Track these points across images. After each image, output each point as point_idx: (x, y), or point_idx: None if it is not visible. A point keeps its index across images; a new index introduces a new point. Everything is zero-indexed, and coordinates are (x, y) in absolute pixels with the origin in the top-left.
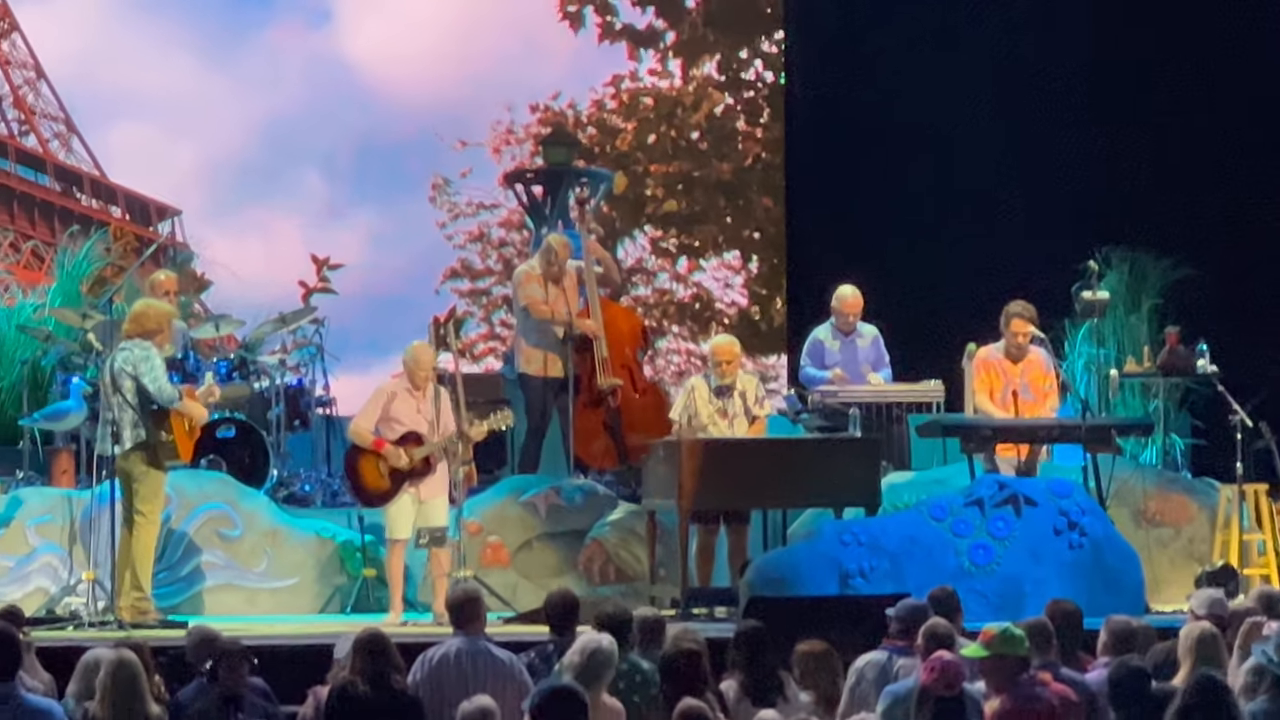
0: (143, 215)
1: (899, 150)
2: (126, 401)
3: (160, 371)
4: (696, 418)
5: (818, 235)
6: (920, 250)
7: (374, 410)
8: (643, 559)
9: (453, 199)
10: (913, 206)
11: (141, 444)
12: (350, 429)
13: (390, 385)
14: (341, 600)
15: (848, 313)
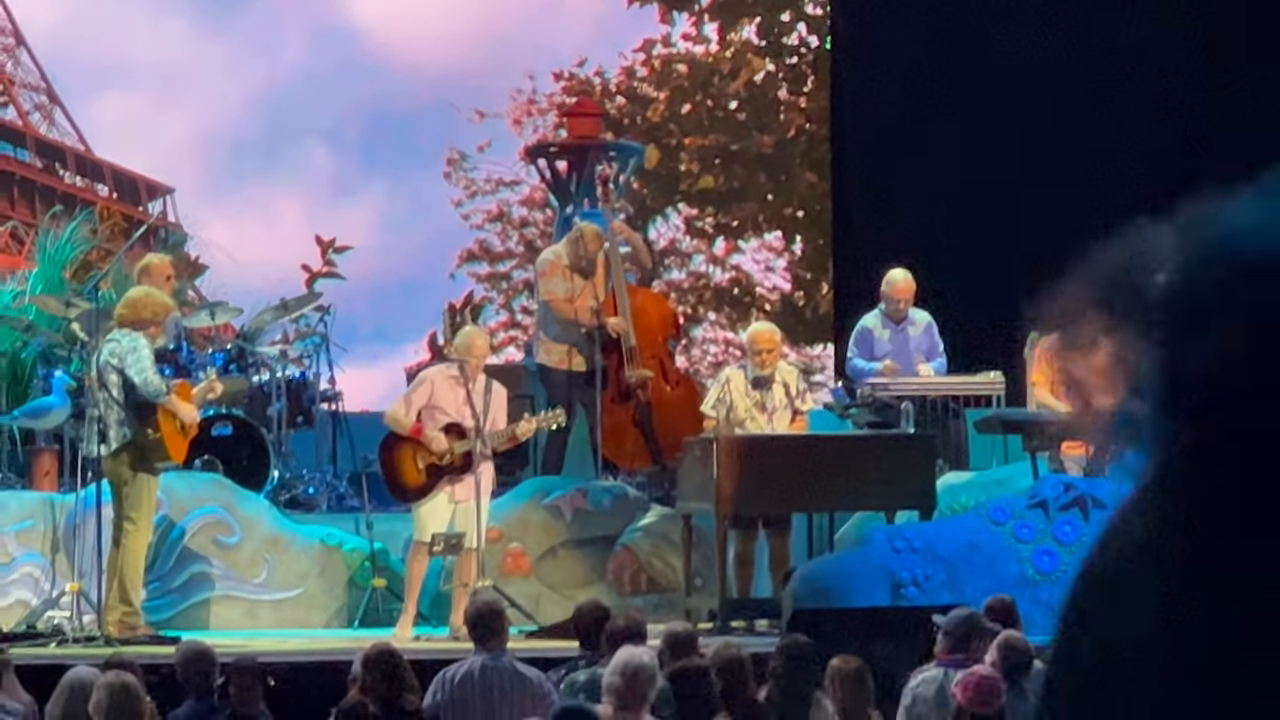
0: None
1: (957, 120)
2: (113, 397)
3: (148, 362)
4: (733, 412)
5: (867, 213)
6: (980, 229)
7: (416, 397)
8: (677, 568)
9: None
10: (972, 181)
11: (129, 444)
12: (387, 414)
13: (434, 372)
14: (349, 613)
15: (899, 298)
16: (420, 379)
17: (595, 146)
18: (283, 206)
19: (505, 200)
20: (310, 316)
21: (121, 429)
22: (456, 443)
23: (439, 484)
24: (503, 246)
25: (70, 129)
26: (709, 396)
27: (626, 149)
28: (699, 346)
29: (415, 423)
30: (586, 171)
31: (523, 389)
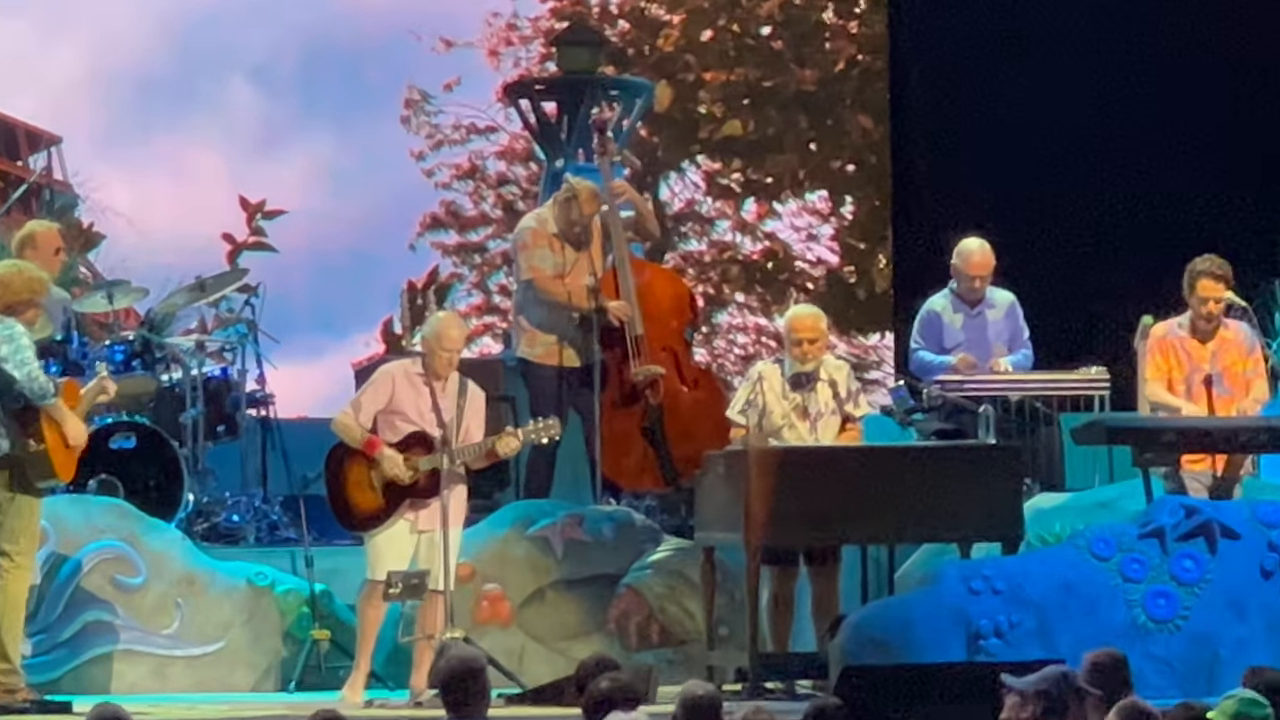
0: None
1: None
2: None
3: (30, 355)
4: (766, 417)
5: (934, 167)
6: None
7: (371, 398)
8: (697, 614)
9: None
10: (1064, 129)
11: (3, 459)
12: (335, 421)
13: (394, 368)
14: (283, 673)
15: (974, 275)
16: (376, 377)
17: (592, 84)
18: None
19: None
20: (234, 299)
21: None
22: (421, 459)
23: (398, 509)
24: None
25: None
26: (737, 398)
27: (631, 86)
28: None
29: (370, 434)
30: (581, 115)
31: (501, 389)
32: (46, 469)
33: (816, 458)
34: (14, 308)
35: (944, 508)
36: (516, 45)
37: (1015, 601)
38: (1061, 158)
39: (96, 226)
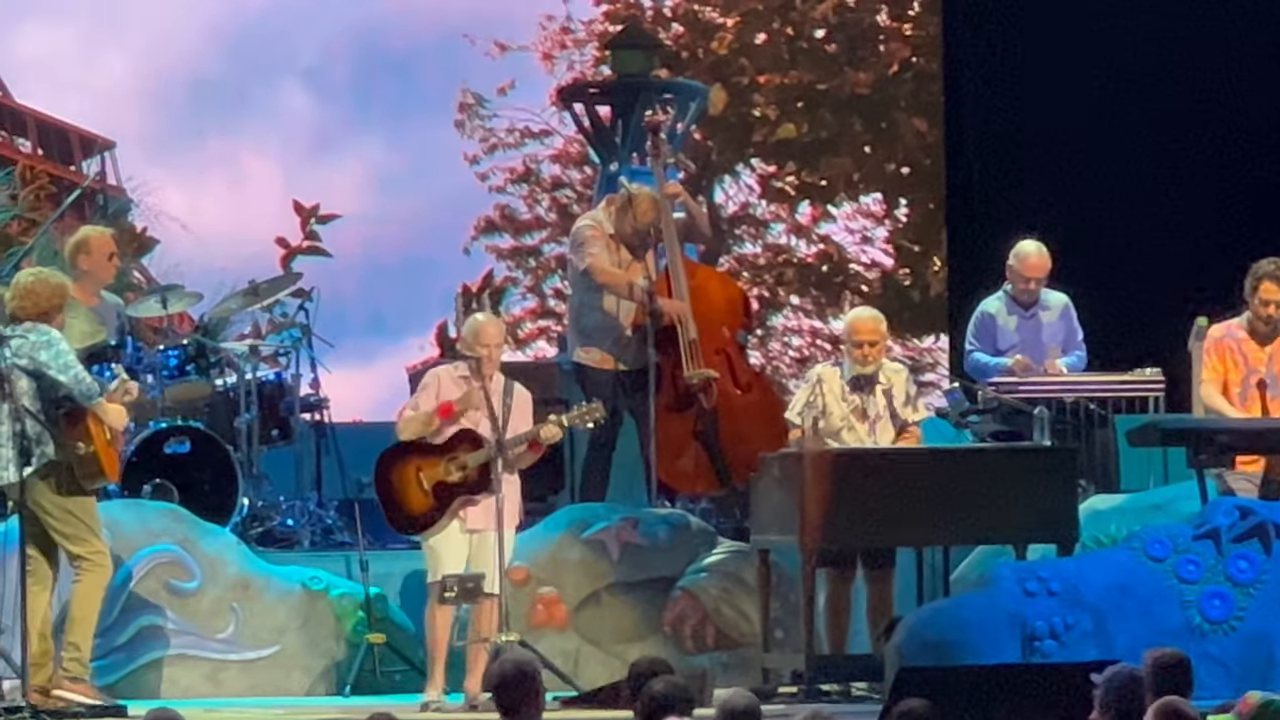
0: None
1: (1100, 54)
2: (23, 408)
3: (72, 357)
4: (825, 420)
5: (989, 170)
6: (1130, 190)
7: (426, 399)
8: (752, 617)
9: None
10: (1120, 131)
11: (51, 464)
12: (399, 425)
13: (441, 372)
14: (338, 677)
15: (1030, 277)
16: (425, 382)
17: (646, 87)
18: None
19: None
20: (288, 304)
21: (41, 446)
22: (468, 455)
23: (450, 509)
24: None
25: None
26: (795, 400)
27: (685, 89)
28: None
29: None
30: (635, 118)
31: (556, 392)
32: (96, 469)
33: (872, 460)
34: (46, 315)
35: (999, 509)
36: (570, 49)
37: (1071, 603)
38: (1116, 159)
39: (150, 231)
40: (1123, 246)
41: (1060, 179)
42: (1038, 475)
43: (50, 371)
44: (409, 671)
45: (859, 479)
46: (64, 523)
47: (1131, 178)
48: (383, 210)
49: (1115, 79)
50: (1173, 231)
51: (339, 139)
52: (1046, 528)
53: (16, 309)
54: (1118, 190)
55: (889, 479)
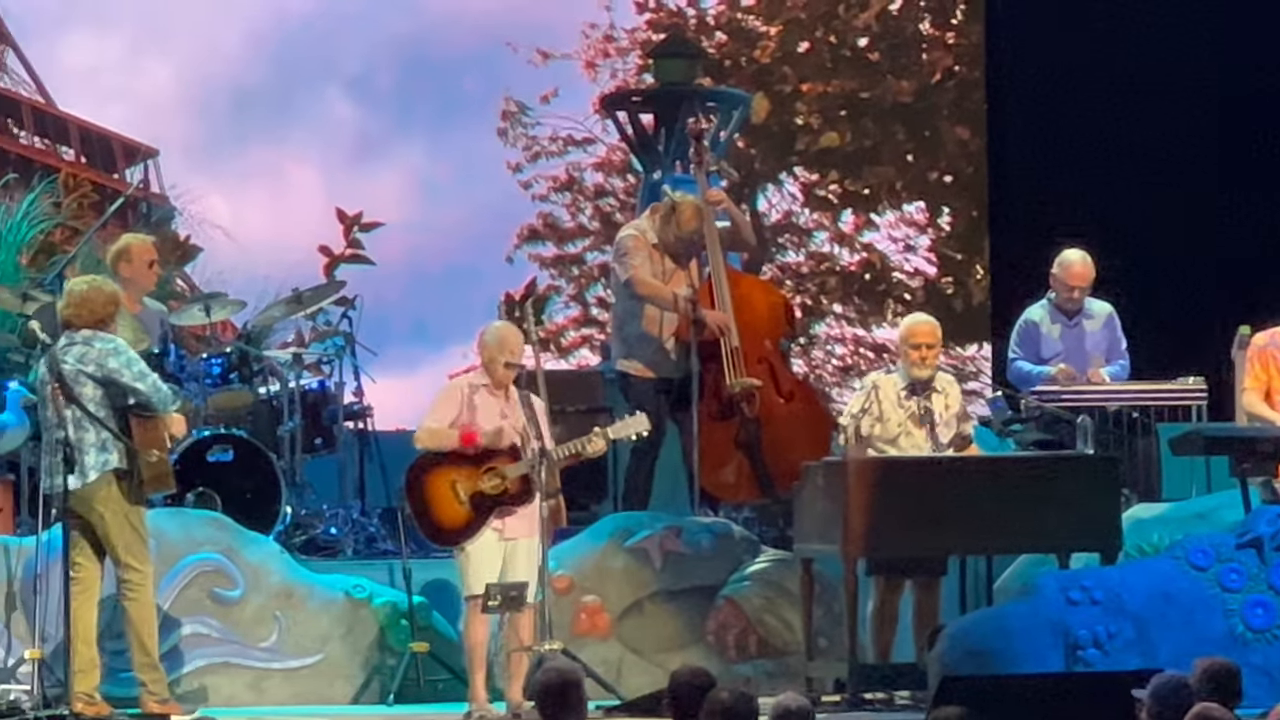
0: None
1: (1143, 62)
2: (88, 414)
3: (144, 365)
4: (882, 426)
5: (1031, 179)
6: (1173, 198)
7: (444, 411)
8: (795, 625)
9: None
10: (1163, 139)
11: (114, 471)
12: (418, 434)
13: (463, 381)
14: (382, 686)
15: (1074, 285)
16: (444, 391)
17: (689, 95)
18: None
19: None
20: (331, 312)
21: (102, 454)
22: (507, 466)
23: (488, 519)
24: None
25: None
26: (851, 406)
27: (728, 98)
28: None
29: (462, 428)
30: (678, 127)
31: (599, 400)
32: (164, 477)
33: (915, 469)
34: (101, 322)
35: (1042, 518)
36: (614, 57)
37: (1114, 612)
38: (1158, 167)
39: (193, 239)
40: (1166, 255)
41: (1103, 187)
42: (1081, 484)
43: (123, 379)
44: (452, 680)
45: (902, 487)
46: (122, 532)
47: (1174, 186)
48: (426, 218)
49: (1158, 86)
50: (1217, 240)
51: (382, 147)
52: (1089, 536)
53: (71, 316)
54: (1160, 198)
55: (932, 487)
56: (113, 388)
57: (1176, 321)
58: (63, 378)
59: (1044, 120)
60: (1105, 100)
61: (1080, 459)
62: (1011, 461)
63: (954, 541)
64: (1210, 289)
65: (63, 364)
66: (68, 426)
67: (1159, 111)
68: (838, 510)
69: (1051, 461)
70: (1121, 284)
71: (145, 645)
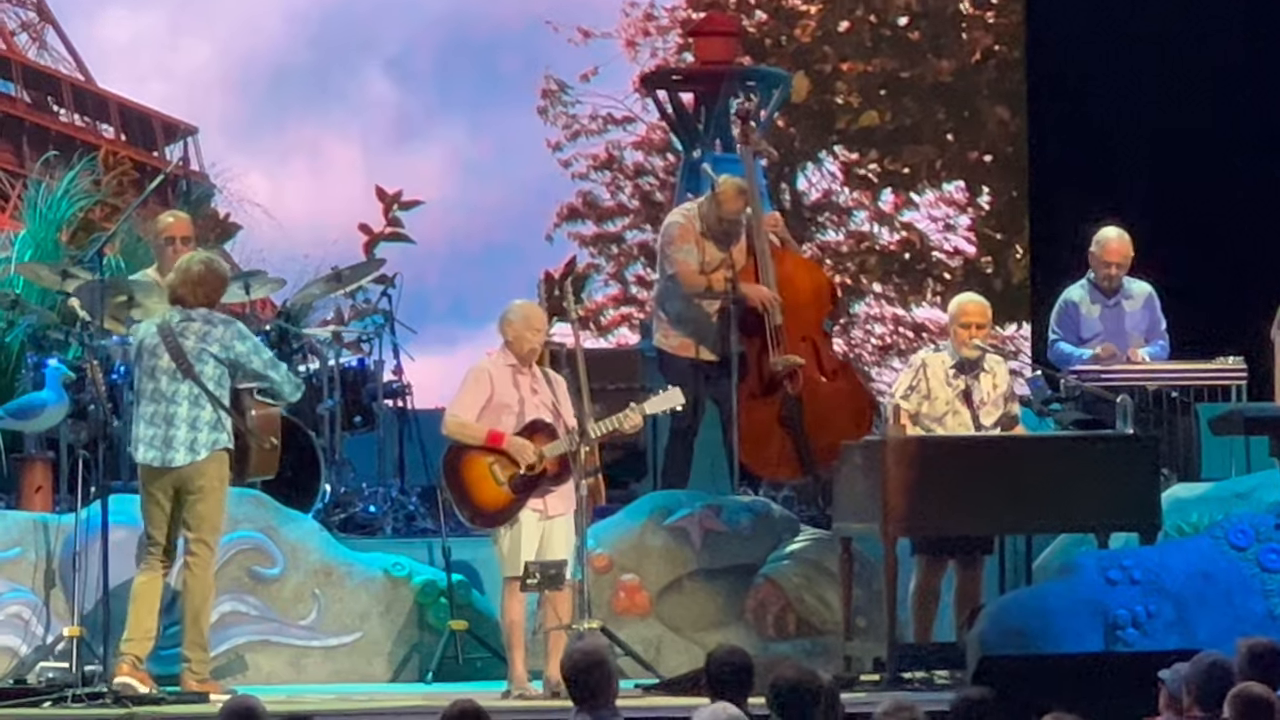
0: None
1: (1184, 41)
2: (207, 392)
3: (272, 353)
4: (930, 405)
5: (1072, 158)
6: (1213, 178)
7: (474, 395)
8: (834, 604)
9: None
10: (1203, 118)
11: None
12: (446, 421)
13: (488, 363)
14: (421, 664)
15: (1111, 262)
16: (472, 374)
17: (729, 74)
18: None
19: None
20: (370, 290)
21: (214, 433)
22: (546, 445)
23: (528, 500)
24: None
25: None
26: (899, 384)
27: (769, 77)
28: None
29: (490, 429)
30: (719, 106)
31: (638, 379)
32: (272, 465)
33: (954, 448)
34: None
35: (1082, 498)
36: (654, 35)
37: (1153, 591)
38: (1198, 147)
39: (233, 217)
40: (1206, 234)
41: (1143, 167)
42: (1120, 463)
43: (253, 365)
44: (491, 658)
45: (941, 466)
46: (211, 510)
47: (1214, 166)
48: (465, 197)
49: (1199, 64)
50: (1257, 220)
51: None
52: (1129, 516)
53: (187, 294)
54: (1200, 178)
55: (971, 467)
56: (238, 371)
57: (1216, 301)
58: (183, 353)
59: (1084, 100)
60: (1145, 80)
61: (1120, 439)
62: (1051, 441)
63: (993, 521)
64: (1251, 268)
65: (182, 339)
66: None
67: (1200, 90)
68: (877, 489)
69: (1091, 441)
70: (1161, 263)
71: (199, 622)
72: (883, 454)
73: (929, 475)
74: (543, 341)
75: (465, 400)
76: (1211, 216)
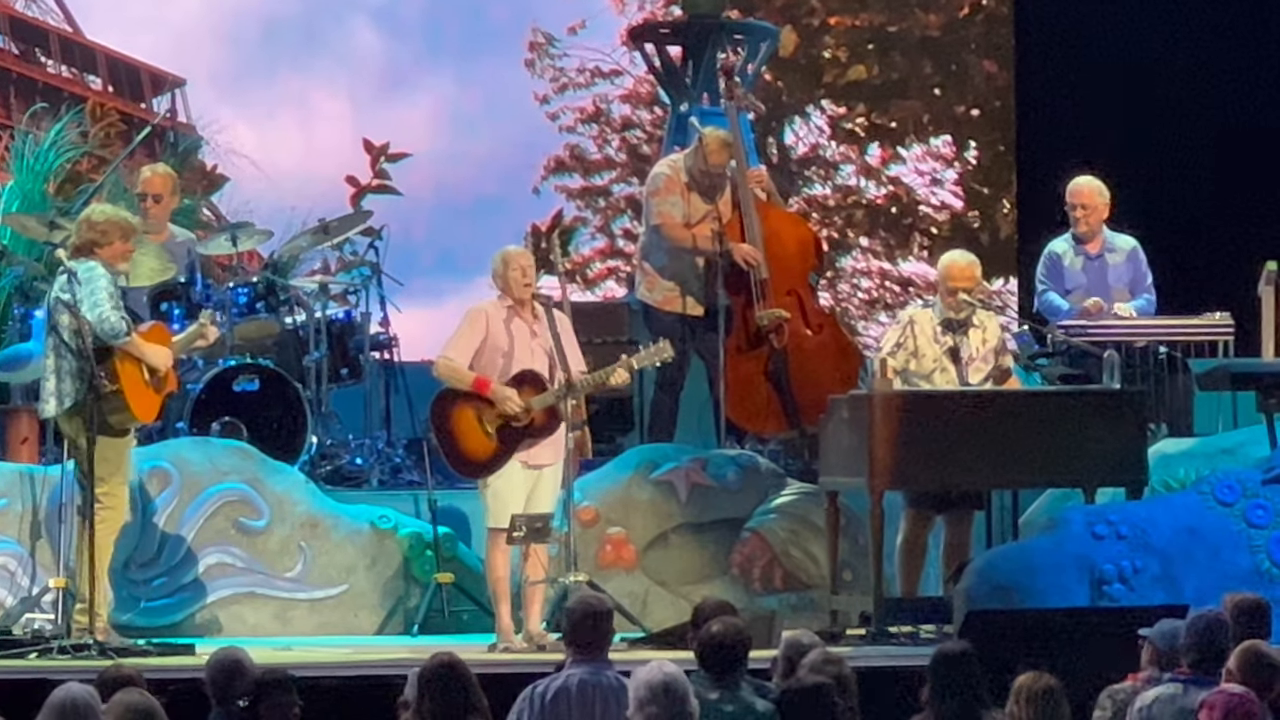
0: (132, 86)
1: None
2: (64, 343)
3: (103, 295)
4: (918, 362)
5: (1058, 113)
6: (1199, 134)
7: (469, 337)
8: (821, 558)
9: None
10: (1190, 73)
11: (83, 401)
12: (437, 364)
13: (486, 305)
14: (407, 617)
15: (1077, 204)
16: (469, 316)
17: (717, 28)
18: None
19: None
20: (357, 242)
21: (75, 382)
22: (533, 397)
23: (515, 451)
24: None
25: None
26: (886, 340)
27: (756, 31)
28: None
29: (476, 375)
30: (706, 59)
31: (625, 332)
32: (122, 408)
33: (941, 402)
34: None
35: (1068, 453)
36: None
37: (1139, 547)
38: (1186, 102)
39: (220, 169)
40: (1194, 189)
41: (1130, 122)
42: (1106, 418)
43: (82, 308)
44: (476, 611)
45: (928, 421)
46: (87, 460)
47: (1202, 121)
48: (452, 149)
49: (1186, 18)
50: (1244, 176)
51: (409, 77)
52: (1115, 471)
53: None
54: (1188, 133)
55: (958, 421)
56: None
57: (1203, 256)
58: (49, 307)
59: (1071, 55)
60: (1132, 35)
61: (1106, 393)
62: (1037, 396)
63: (979, 475)
64: (1238, 224)
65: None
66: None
67: (1187, 44)
68: (863, 443)
69: (1077, 396)
70: (1148, 218)
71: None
72: (869, 408)
73: (915, 429)
74: (532, 278)
75: (459, 343)
76: (1201, 170)
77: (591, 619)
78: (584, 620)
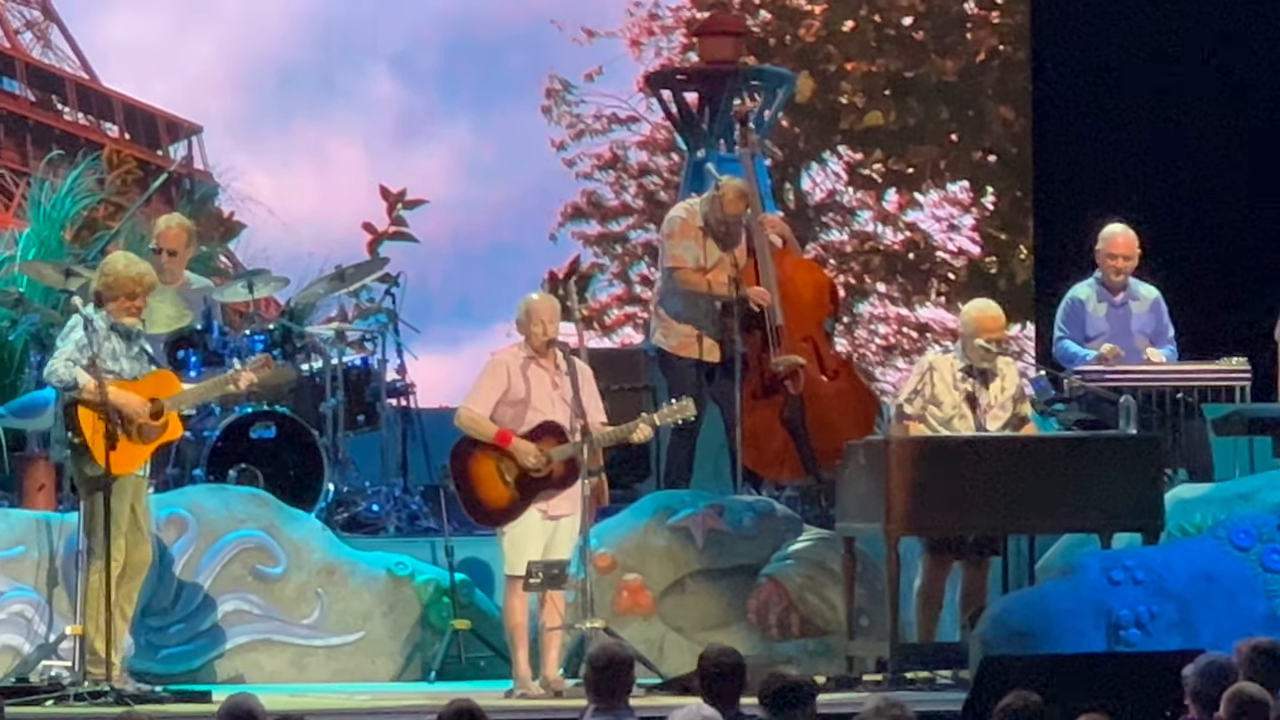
0: (148, 133)
1: (1189, 42)
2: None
3: (68, 346)
4: (936, 408)
5: (1075, 158)
6: (1217, 180)
7: (490, 388)
8: (837, 604)
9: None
10: (1207, 120)
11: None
12: (460, 414)
13: (506, 354)
14: (424, 663)
15: (1117, 254)
16: (490, 365)
17: (734, 74)
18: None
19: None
20: (374, 289)
21: (66, 431)
22: (553, 449)
23: (533, 500)
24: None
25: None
26: (905, 387)
27: (773, 77)
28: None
29: (499, 428)
30: (723, 105)
31: (642, 379)
32: (88, 460)
33: (957, 448)
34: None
35: (1085, 498)
36: (658, 35)
37: (1156, 592)
38: (1203, 148)
39: (237, 216)
40: (1210, 235)
41: (1146, 167)
42: (1123, 464)
43: None
44: (494, 658)
45: (944, 466)
46: (84, 508)
47: (1219, 167)
48: (469, 196)
49: (1204, 66)
50: (1261, 221)
51: (426, 124)
52: (1131, 516)
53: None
54: (1205, 180)
55: (974, 467)
56: None
57: (1220, 302)
58: None
59: (1088, 100)
60: (1149, 80)
61: (1123, 439)
62: (1054, 441)
63: (996, 521)
64: (1254, 270)
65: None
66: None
67: (1205, 91)
68: (880, 489)
69: (1094, 441)
70: (1165, 264)
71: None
72: (886, 454)
73: (932, 475)
74: (555, 328)
75: (481, 394)
76: (1216, 217)
77: (614, 667)
78: (607, 668)
